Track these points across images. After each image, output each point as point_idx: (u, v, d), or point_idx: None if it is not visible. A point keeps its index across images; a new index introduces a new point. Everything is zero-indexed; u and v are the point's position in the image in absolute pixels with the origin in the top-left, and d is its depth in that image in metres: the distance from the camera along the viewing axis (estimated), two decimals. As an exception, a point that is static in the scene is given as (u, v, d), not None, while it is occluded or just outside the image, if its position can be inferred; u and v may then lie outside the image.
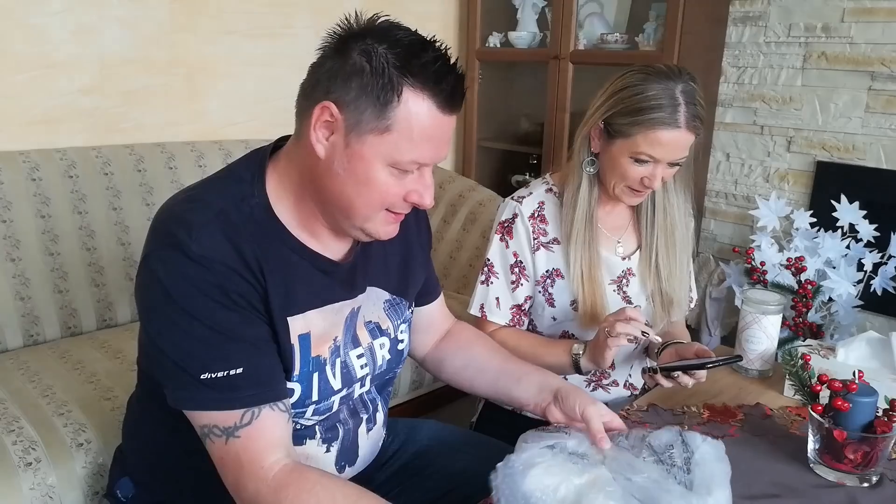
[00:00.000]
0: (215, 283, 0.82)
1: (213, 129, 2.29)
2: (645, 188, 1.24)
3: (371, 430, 1.05)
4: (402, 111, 0.81)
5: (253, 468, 0.83)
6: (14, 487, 1.25)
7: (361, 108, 0.81)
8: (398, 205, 0.88)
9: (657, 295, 1.35)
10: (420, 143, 0.83)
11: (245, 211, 0.87)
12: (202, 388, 0.83)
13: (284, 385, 0.88)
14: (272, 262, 0.87)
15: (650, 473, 0.86)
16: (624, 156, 1.22)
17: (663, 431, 0.94)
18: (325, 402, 0.94)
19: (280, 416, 0.86)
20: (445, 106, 0.83)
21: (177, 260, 0.82)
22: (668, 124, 1.17)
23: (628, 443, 0.94)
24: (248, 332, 0.84)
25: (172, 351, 0.84)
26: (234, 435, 0.83)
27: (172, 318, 0.83)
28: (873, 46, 2.20)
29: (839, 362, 1.23)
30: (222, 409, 0.83)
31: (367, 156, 0.83)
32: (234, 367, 0.83)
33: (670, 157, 1.20)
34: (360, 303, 0.99)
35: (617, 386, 1.41)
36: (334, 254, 0.96)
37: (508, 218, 1.34)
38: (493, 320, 1.35)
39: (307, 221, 0.92)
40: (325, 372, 0.93)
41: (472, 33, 2.86)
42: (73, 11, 1.94)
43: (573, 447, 0.93)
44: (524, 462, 0.89)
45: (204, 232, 0.83)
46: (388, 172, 0.85)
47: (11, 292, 1.74)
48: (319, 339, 0.92)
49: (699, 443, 0.90)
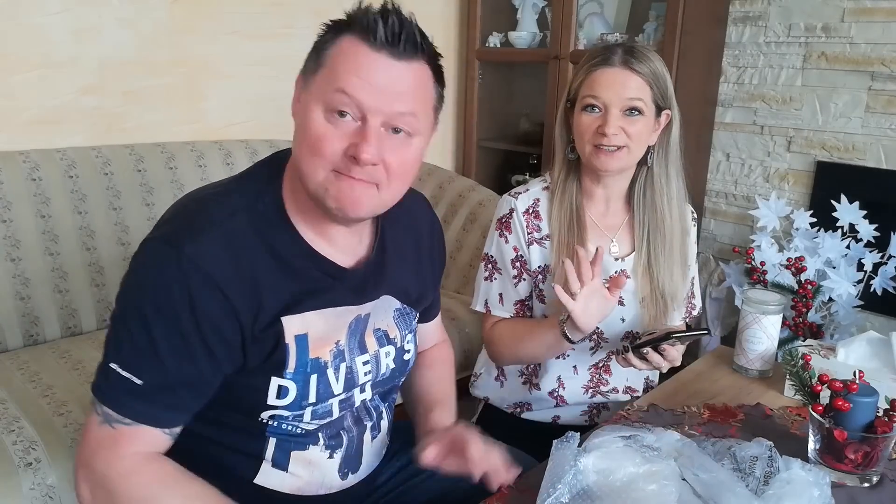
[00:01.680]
0: (191, 294, 0.82)
1: (213, 129, 2.29)
2: (604, 139, 1.23)
3: (375, 437, 1.05)
4: (334, 49, 0.83)
5: (110, 455, 0.84)
6: (14, 487, 1.25)
7: (308, 64, 0.85)
8: (339, 161, 0.83)
9: (651, 297, 1.34)
10: (346, 75, 0.81)
11: (258, 210, 0.88)
12: (104, 375, 0.84)
13: (176, 418, 0.87)
14: (275, 269, 0.87)
15: (719, 474, 0.87)
16: (579, 113, 1.26)
17: (752, 444, 0.95)
18: (324, 405, 0.93)
19: (162, 436, 0.87)
20: (383, 46, 0.81)
21: (167, 258, 0.82)
22: (601, 64, 1.24)
23: (713, 448, 0.95)
24: (178, 358, 0.83)
25: (113, 329, 0.86)
26: (110, 424, 0.84)
27: (130, 304, 0.84)
28: (873, 46, 2.20)
29: (839, 362, 1.23)
30: (107, 406, 0.84)
31: (306, 100, 0.85)
32: (137, 376, 0.83)
33: (615, 98, 1.22)
34: (369, 310, 0.98)
35: (616, 392, 1.40)
36: (348, 259, 0.95)
37: (505, 213, 1.35)
38: (497, 314, 1.36)
39: (319, 222, 0.91)
40: (327, 375, 0.92)
41: (472, 33, 2.86)
42: (73, 11, 1.94)
43: (650, 441, 0.94)
44: (590, 445, 0.91)
45: (206, 236, 0.83)
46: (325, 117, 0.82)
47: (11, 292, 1.74)
48: (319, 341, 0.91)
49: (795, 467, 0.89)
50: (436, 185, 2.48)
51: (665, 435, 0.96)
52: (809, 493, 0.85)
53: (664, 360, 1.19)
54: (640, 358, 1.19)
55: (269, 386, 0.89)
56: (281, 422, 0.92)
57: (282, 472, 0.95)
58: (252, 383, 0.89)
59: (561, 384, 1.37)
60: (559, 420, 1.41)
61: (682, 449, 0.93)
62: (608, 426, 1.00)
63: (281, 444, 0.94)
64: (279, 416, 0.91)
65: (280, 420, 0.92)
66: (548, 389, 1.38)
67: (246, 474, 0.94)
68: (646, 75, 1.23)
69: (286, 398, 0.89)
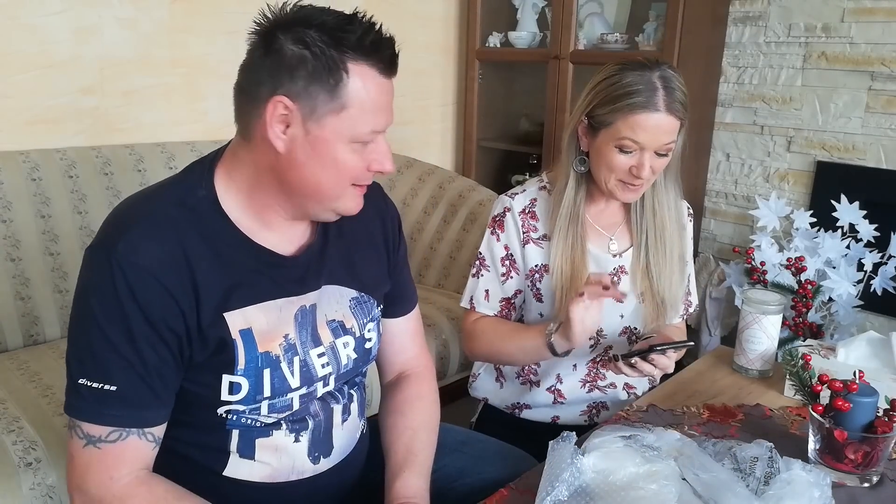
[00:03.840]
0: (131, 288, 0.83)
1: (213, 129, 2.29)
2: (636, 179, 1.23)
3: (346, 420, 1.04)
4: (352, 86, 0.85)
5: (102, 477, 0.84)
6: (14, 487, 1.25)
7: (314, 94, 0.84)
8: (362, 177, 0.91)
9: (648, 294, 1.35)
10: (374, 112, 0.87)
11: (190, 204, 0.89)
12: (75, 393, 0.85)
13: (158, 413, 0.88)
14: (209, 258, 0.88)
15: (720, 474, 0.87)
16: (609, 146, 1.23)
17: (753, 445, 0.94)
18: (282, 399, 0.94)
19: (146, 446, 0.87)
20: (387, 71, 0.88)
21: (103, 259, 0.84)
22: (647, 107, 1.18)
23: (714, 449, 0.95)
24: (141, 350, 0.84)
25: (71, 347, 0.86)
26: (95, 444, 0.85)
27: (80, 314, 0.85)
28: (873, 46, 2.20)
29: (839, 362, 1.23)
30: (90, 422, 0.85)
31: (329, 137, 0.86)
32: (109, 382, 0.84)
33: (654, 143, 1.20)
34: (313, 300, 0.98)
35: (615, 388, 1.40)
36: (287, 248, 0.96)
37: (500, 212, 1.35)
38: (481, 311, 1.36)
39: (261, 213, 0.93)
40: (280, 369, 0.92)
41: (472, 33, 2.86)
42: (73, 11, 1.94)
43: (650, 441, 0.94)
44: (590, 445, 0.91)
45: (135, 230, 0.85)
46: (351, 149, 0.88)
47: (11, 292, 1.74)
48: (264, 335, 0.92)
49: (796, 467, 0.89)
50: (436, 185, 2.48)
51: (665, 435, 0.96)
52: (810, 494, 0.85)
53: (655, 368, 1.19)
54: (629, 366, 1.19)
55: (221, 383, 0.90)
56: (239, 415, 0.93)
57: (250, 462, 0.95)
58: (203, 380, 0.90)
59: (559, 379, 1.38)
60: (558, 420, 1.42)
61: (682, 449, 0.93)
62: (608, 426, 1.00)
63: (244, 434, 0.94)
64: (235, 411, 0.92)
65: (237, 414, 0.92)
66: (546, 385, 1.38)
67: (215, 468, 0.95)
68: (680, 112, 1.21)
69: (239, 394, 0.90)
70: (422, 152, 2.82)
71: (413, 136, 2.90)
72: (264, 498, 0.97)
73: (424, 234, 2.44)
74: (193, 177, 0.93)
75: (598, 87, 1.24)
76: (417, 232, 2.45)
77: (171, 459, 0.91)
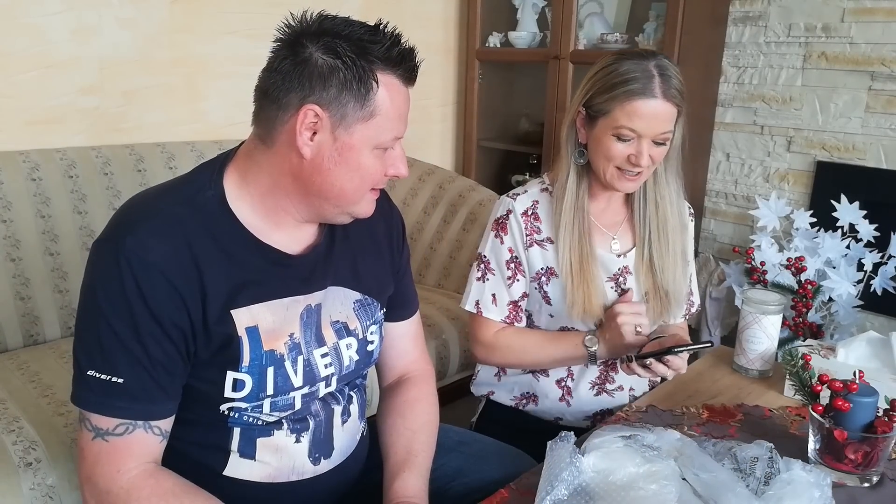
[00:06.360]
0: (138, 284, 0.84)
1: (213, 129, 2.29)
2: (634, 168, 1.23)
3: (346, 421, 1.04)
4: (380, 95, 0.88)
5: (110, 469, 0.86)
6: (14, 487, 1.25)
7: (344, 102, 0.87)
8: (381, 181, 0.96)
9: (653, 291, 1.35)
10: (397, 120, 0.92)
11: (199, 202, 0.90)
12: (84, 385, 0.86)
13: (165, 406, 0.89)
14: (217, 257, 0.89)
15: (720, 474, 0.87)
16: (607, 135, 1.23)
17: (753, 445, 0.95)
18: (284, 398, 0.94)
19: (153, 439, 0.88)
20: (408, 81, 0.92)
21: (111, 254, 0.85)
22: (643, 94, 1.19)
23: (714, 449, 0.95)
24: (147, 345, 0.86)
25: (79, 339, 0.88)
26: (103, 437, 0.86)
27: (88, 307, 0.87)
28: (873, 46, 2.20)
29: (839, 362, 1.23)
30: (97, 413, 0.86)
31: (357, 144, 0.89)
32: (116, 375, 0.85)
33: (651, 130, 1.21)
34: (318, 300, 0.98)
35: (622, 391, 1.40)
36: (294, 247, 0.97)
37: (503, 214, 1.35)
38: (490, 317, 1.35)
39: (272, 215, 0.94)
40: (284, 367, 0.93)
41: (472, 33, 2.86)
42: (73, 11, 1.94)
43: (650, 441, 0.94)
44: (590, 445, 0.91)
45: (144, 226, 0.86)
46: (374, 155, 0.91)
47: (11, 292, 1.74)
48: (270, 333, 0.92)
49: (796, 468, 0.90)
50: (436, 185, 2.48)
51: (665, 435, 0.96)
52: (810, 494, 0.85)
53: (669, 369, 1.19)
54: (643, 367, 1.20)
55: (225, 380, 0.90)
56: (241, 413, 0.93)
57: (250, 461, 0.96)
58: (207, 376, 0.91)
59: (570, 374, 1.38)
60: (561, 421, 1.41)
61: (682, 449, 0.93)
62: (608, 426, 1.00)
63: (245, 433, 0.95)
64: (237, 409, 0.92)
65: (239, 412, 0.93)
66: (556, 377, 1.38)
67: (215, 468, 0.95)
68: (676, 99, 1.22)
69: (242, 391, 0.91)
70: (422, 152, 2.82)
71: (413, 136, 2.89)
72: (263, 498, 0.97)
73: (424, 234, 2.44)
74: (203, 177, 0.93)
75: (595, 77, 1.26)
76: (417, 232, 2.45)
77: (170, 458, 0.91)
